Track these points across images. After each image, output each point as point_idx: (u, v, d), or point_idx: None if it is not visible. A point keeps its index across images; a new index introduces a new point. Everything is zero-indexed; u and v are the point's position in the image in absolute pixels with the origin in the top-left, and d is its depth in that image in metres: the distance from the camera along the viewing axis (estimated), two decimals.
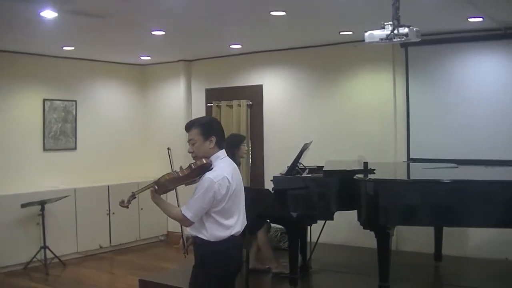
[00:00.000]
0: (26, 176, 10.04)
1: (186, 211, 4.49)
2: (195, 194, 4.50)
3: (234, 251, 4.68)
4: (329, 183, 6.79)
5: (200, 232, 4.57)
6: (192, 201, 4.50)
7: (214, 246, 4.53)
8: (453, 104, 8.66)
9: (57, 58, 10.39)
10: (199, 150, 4.63)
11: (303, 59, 10.01)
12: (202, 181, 4.51)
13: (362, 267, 7.99)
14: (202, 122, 4.73)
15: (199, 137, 4.62)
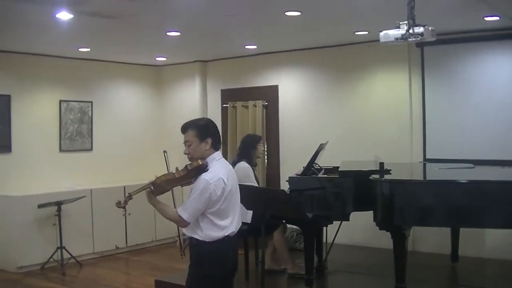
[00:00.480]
0: (42, 177, 10.10)
1: (182, 212, 4.53)
2: (191, 195, 4.55)
3: (229, 251, 4.73)
4: (345, 184, 6.77)
5: (195, 233, 4.61)
6: (188, 202, 4.54)
7: (210, 246, 4.58)
8: (469, 104, 8.62)
9: (73, 59, 10.44)
10: (195, 151, 4.67)
11: (319, 59, 9.99)
12: (197, 182, 4.57)
13: (378, 268, 7.96)
14: (198, 123, 4.76)
15: (195, 138, 4.66)
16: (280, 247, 7.79)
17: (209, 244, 4.58)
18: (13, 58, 9.70)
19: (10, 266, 9.33)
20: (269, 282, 6.87)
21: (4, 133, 9.64)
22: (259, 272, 7.34)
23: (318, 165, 7.75)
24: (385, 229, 6.27)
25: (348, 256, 8.80)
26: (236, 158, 7.92)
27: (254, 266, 8.07)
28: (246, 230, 7.47)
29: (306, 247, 6.93)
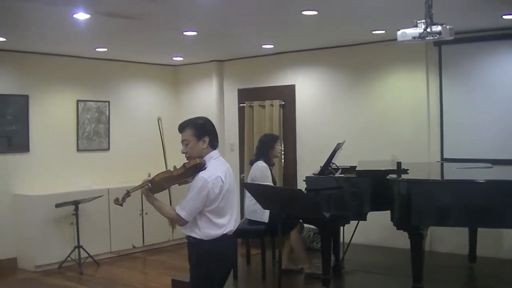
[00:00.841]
0: (60, 177, 10.14)
1: (180, 210, 4.58)
2: (188, 193, 4.59)
3: (227, 250, 4.76)
4: (362, 183, 6.75)
5: (193, 231, 4.66)
6: (186, 200, 4.58)
7: (208, 244, 4.62)
8: (487, 103, 8.56)
9: (90, 59, 10.48)
10: (193, 150, 4.72)
11: (335, 59, 9.97)
12: (195, 180, 4.61)
13: (396, 268, 7.93)
14: (195, 122, 4.81)
15: (192, 137, 4.72)
16: (297, 247, 7.78)
17: (208, 243, 4.62)
18: (30, 59, 9.75)
19: (28, 265, 9.40)
20: (286, 282, 6.86)
21: (22, 133, 9.70)
22: (276, 272, 7.34)
23: (335, 165, 7.73)
24: (403, 229, 6.25)
25: (365, 256, 8.77)
26: (254, 158, 7.92)
27: (271, 266, 8.07)
28: (263, 230, 7.50)
29: (323, 246, 6.92)
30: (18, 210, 9.55)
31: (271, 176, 7.76)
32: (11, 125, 9.57)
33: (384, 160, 7.91)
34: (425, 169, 7.93)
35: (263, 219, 7.48)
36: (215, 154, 4.79)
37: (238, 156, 11.16)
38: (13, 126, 9.60)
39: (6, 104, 9.50)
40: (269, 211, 7.27)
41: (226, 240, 4.71)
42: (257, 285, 7.62)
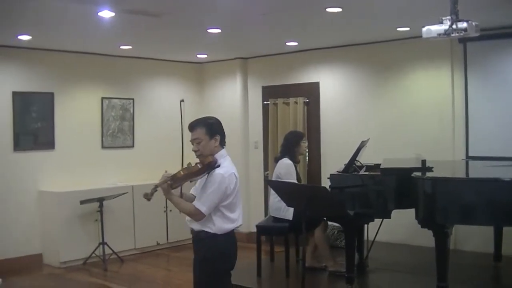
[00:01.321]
0: (85, 174, 10.21)
1: (201, 205, 4.71)
2: (207, 189, 4.73)
3: (233, 244, 4.95)
4: (387, 181, 6.71)
5: (206, 226, 4.79)
6: (205, 196, 4.72)
7: (219, 238, 4.79)
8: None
9: (115, 57, 10.53)
10: (205, 148, 4.86)
11: (360, 56, 9.93)
12: (213, 177, 4.76)
13: (420, 267, 7.89)
14: (207, 122, 4.96)
15: (205, 136, 4.86)
16: (321, 245, 7.77)
17: (221, 237, 4.79)
18: (56, 56, 9.82)
19: (53, 261, 9.47)
20: (310, 280, 6.85)
21: (47, 130, 9.77)
22: (299, 270, 7.34)
23: (360, 162, 7.71)
24: (427, 227, 6.21)
25: (389, 254, 8.74)
26: (279, 155, 7.93)
27: (294, 263, 8.07)
28: (287, 227, 7.50)
29: (347, 244, 6.90)
30: (43, 207, 9.63)
31: (296, 173, 7.75)
32: (36, 123, 9.65)
33: (408, 158, 7.86)
34: (450, 167, 7.88)
35: (287, 216, 7.48)
36: (224, 153, 4.98)
37: (262, 153, 11.16)
38: (38, 124, 9.68)
39: (31, 102, 9.57)
40: (293, 209, 7.27)
41: (233, 235, 4.93)
42: (280, 283, 7.62)
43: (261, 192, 11.10)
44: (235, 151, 11.18)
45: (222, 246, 4.82)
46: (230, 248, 4.90)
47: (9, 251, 9.06)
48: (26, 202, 9.55)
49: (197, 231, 4.88)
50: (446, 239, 6.11)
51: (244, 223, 11.10)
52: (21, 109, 9.46)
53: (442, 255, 6.11)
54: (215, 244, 4.79)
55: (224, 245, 4.83)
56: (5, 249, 8.84)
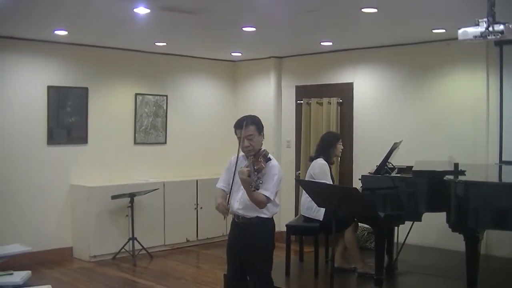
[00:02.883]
0: (117, 169, 10.28)
1: (270, 194, 5.28)
2: (270, 179, 5.30)
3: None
4: (418, 184, 6.64)
5: (262, 212, 5.37)
6: (272, 185, 5.29)
7: (271, 222, 5.50)
8: None
9: (149, 53, 10.58)
10: (257, 143, 5.44)
11: (395, 57, 9.85)
12: (272, 168, 5.35)
13: (450, 271, 7.81)
14: (255, 119, 5.57)
15: (256, 132, 5.46)
16: (350, 246, 7.73)
17: (271, 221, 5.51)
18: (91, 52, 9.89)
19: (83, 255, 9.55)
20: (338, 281, 6.80)
21: (81, 125, 9.85)
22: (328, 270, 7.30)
23: (392, 164, 7.65)
24: (458, 231, 6.14)
25: (419, 257, 8.66)
26: (314, 155, 7.91)
27: (323, 264, 8.04)
28: (317, 228, 7.47)
29: (377, 246, 6.85)
30: (75, 201, 9.71)
31: (330, 174, 7.72)
32: (70, 117, 9.73)
33: (441, 160, 7.78)
34: (482, 171, 7.78)
35: (318, 216, 7.45)
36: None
37: (294, 153, 11.13)
38: (72, 118, 9.76)
39: (66, 96, 9.65)
40: (324, 209, 7.24)
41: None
42: (309, 283, 7.59)
43: (292, 191, 11.08)
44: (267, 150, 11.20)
45: (273, 228, 5.55)
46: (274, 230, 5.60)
47: (40, 243, 9.13)
48: (58, 196, 9.64)
49: (249, 218, 5.42)
50: (477, 244, 6.03)
51: None
52: (56, 104, 9.55)
53: (472, 259, 6.03)
54: (271, 226, 5.51)
55: (273, 227, 5.56)
56: (37, 241, 8.91)
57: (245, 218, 5.44)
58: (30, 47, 9.24)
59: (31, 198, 9.32)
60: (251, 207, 5.33)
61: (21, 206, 9.21)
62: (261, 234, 5.42)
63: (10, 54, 9.08)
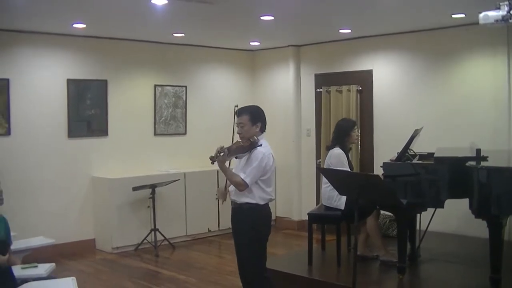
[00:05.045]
0: (137, 160, 10.32)
1: (246, 177, 5.53)
2: (251, 164, 5.55)
3: (270, 213, 5.84)
4: (440, 170, 6.60)
5: (248, 198, 5.61)
6: (249, 170, 5.53)
7: (262, 207, 5.65)
8: None
9: (168, 44, 10.59)
10: (247, 132, 5.67)
11: (414, 43, 9.78)
12: (255, 154, 5.57)
13: (473, 258, 7.76)
14: (251, 110, 5.80)
15: (248, 122, 5.68)
16: (373, 234, 7.69)
17: (262, 206, 5.65)
18: (110, 44, 9.92)
19: (106, 246, 9.61)
20: (361, 269, 6.79)
21: (101, 117, 9.89)
22: (351, 258, 7.28)
23: (413, 151, 7.60)
24: (481, 218, 6.11)
25: (442, 245, 8.60)
26: (330, 144, 7.86)
27: (345, 252, 8.01)
28: (339, 216, 7.44)
29: (399, 234, 6.82)
30: (96, 193, 9.76)
31: (348, 162, 7.68)
32: (90, 110, 9.77)
33: (462, 147, 7.72)
34: (505, 157, 7.72)
35: (339, 206, 7.42)
36: (262, 137, 5.75)
37: (315, 141, 11.10)
38: (92, 111, 9.79)
39: (85, 89, 9.69)
40: (345, 198, 7.21)
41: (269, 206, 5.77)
42: (331, 271, 7.57)
43: (313, 180, 11.07)
44: (287, 139, 11.19)
45: (265, 214, 5.73)
46: (269, 216, 5.82)
47: (63, 236, 9.18)
48: (80, 188, 9.70)
49: (240, 203, 5.68)
50: (500, 230, 6.00)
51: (295, 211, 11.18)
52: (75, 97, 9.59)
53: (496, 246, 6.01)
54: (260, 212, 5.66)
55: (266, 213, 5.73)
56: (59, 234, 8.96)
57: (236, 203, 5.75)
58: (49, 41, 9.29)
59: (53, 191, 9.39)
60: (240, 192, 5.62)
61: (44, 199, 9.28)
62: (248, 221, 5.65)
63: (29, 48, 9.13)
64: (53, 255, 8.45)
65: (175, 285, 7.88)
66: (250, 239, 5.65)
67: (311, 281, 7.21)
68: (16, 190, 8.76)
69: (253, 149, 5.60)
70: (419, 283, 7.14)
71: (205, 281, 8.05)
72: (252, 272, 5.71)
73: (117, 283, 8.04)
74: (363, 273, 6.99)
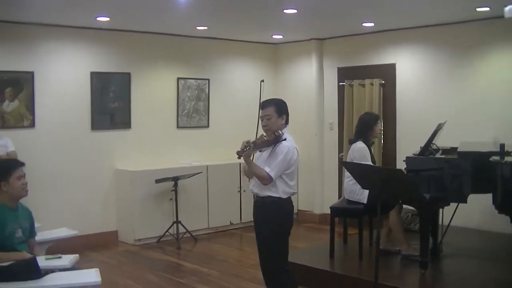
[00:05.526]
0: (160, 153, 10.36)
1: (271, 171, 5.45)
2: (276, 158, 5.47)
3: (293, 207, 5.73)
4: (463, 165, 6.56)
5: (271, 191, 5.54)
6: (274, 164, 5.46)
7: (284, 201, 5.58)
8: None
9: (191, 37, 10.61)
10: (273, 124, 5.58)
11: (438, 37, 9.72)
12: (280, 148, 5.48)
13: (496, 253, 7.73)
14: (276, 102, 5.72)
15: (274, 114, 5.60)
16: (395, 228, 7.68)
17: (285, 200, 5.57)
18: (133, 37, 9.96)
19: (128, 238, 9.67)
20: (383, 263, 6.77)
21: (124, 110, 9.93)
22: (373, 252, 7.27)
23: (436, 145, 7.57)
24: (505, 213, 6.08)
25: (465, 240, 8.57)
26: (353, 138, 7.84)
27: (367, 246, 8.00)
28: (361, 210, 7.44)
29: (422, 228, 6.81)
30: (119, 185, 9.82)
31: (371, 156, 7.67)
32: (113, 102, 9.82)
33: (486, 141, 7.67)
34: None
35: (362, 200, 7.41)
36: (286, 131, 5.64)
37: (337, 135, 11.08)
38: (115, 103, 9.84)
39: (109, 82, 9.74)
40: (368, 192, 7.20)
41: (291, 200, 5.69)
42: (353, 265, 7.57)
43: (335, 173, 11.06)
44: (309, 132, 11.17)
45: (288, 207, 5.64)
46: (292, 210, 5.70)
47: (86, 227, 9.24)
48: (103, 180, 9.77)
49: (262, 197, 5.61)
50: None
51: (317, 204, 11.17)
52: (99, 89, 9.64)
53: None
54: (282, 206, 5.58)
55: (288, 207, 5.64)
56: (83, 225, 9.01)
57: (258, 197, 5.68)
58: (73, 34, 9.34)
59: (77, 183, 9.46)
60: (262, 185, 5.56)
61: (68, 191, 9.36)
62: (270, 214, 5.59)
63: (54, 41, 9.20)
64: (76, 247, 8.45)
65: (198, 277, 7.91)
66: (273, 232, 5.59)
67: (333, 275, 7.22)
68: (40, 182, 8.83)
69: (278, 143, 5.50)
70: (441, 278, 7.12)
71: (227, 273, 8.08)
72: (274, 265, 5.66)
73: (140, 275, 8.09)
74: (385, 267, 6.97)
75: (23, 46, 8.93)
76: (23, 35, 8.89)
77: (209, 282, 7.68)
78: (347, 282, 6.97)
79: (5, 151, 8.10)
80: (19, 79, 8.87)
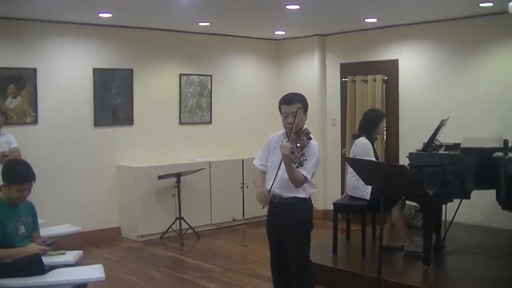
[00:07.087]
0: (163, 149, 10.37)
1: (307, 174, 5.23)
2: (310, 159, 5.23)
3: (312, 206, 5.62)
4: (466, 161, 6.55)
5: (298, 192, 5.35)
6: (310, 166, 5.24)
7: (308, 202, 5.46)
8: None
9: (193, 33, 10.60)
10: (300, 121, 5.36)
11: (440, 33, 9.70)
12: (312, 148, 5.30)
13: (499, 249, 7.73)
14: (302, 97, 5.47)
15: (301, 110, 5.34)
16: (398, 224, 7.67)
17: (308, 201, 5.46)
18: (135, 33, 9.95)
19: (131, 235, 9.68)
20: (386, 259, 6.77)
21: (127, 106, 9.94)
22: (376, 249, 7.27)
23: (439, 141, 7.56)
24: (508, 209, 6.06)
25: (468, 236, 8.55)
26: (357, 133, 7.83)
27: (370, 242, 8.00)
28: (364, 206, 7.43)
29: (425, 225, 6.80)
30: (122, 181, 9.83)
31: (374, 152, 7.66)
32: (116, 99, 9.82)
33: (489, 137, 7.66)
34: None
35: (365, 196, 7.40)
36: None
37: (340, 130, 11.07)
38: (118, 100, 9.85)
39: (111, 78, 9.75)
40: (371, 188, 7.19)
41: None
42: (356, 261, 7.57)
43: (338, 169, 11.05)
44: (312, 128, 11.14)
45: (311, 208, 5.53)
46: (312, 210, 5.57)
47: (89, 223, 9.25)
48: (105, 176, 9.78)
49: (286, 197, 5.38)
50: None
51: (320, 201, 11.15)
52: (101, 86, 9.65)
53: None
54: (307, 206, 5.46)
55: (312, 207, 5.55)
56: (85, 221, 9.02)
57: (281, 198, 5.41)
58: (75, 30, 9.34)
59: (79, 179, 9.48)
60: (287, 186, 5.31)
61: (71, 187, 9.37)
62: (297, 213, 5.40)
63: (56, 37, 9.20)
64: (79, 243, 8.51)
65: (200, 273, 7.92)
66: (303, 229, 5.45)
67: (335, 271, 7.22)
68: (43, 178, 8.77)
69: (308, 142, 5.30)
70: (444, 274, 7.11)
71: (229, 269, 8.08)
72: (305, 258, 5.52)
73: (143, 271, 8.09)
74: (388, 263, 6.97)
75: (26, 43, 8.93)
76: (25, 32, 8.90)
77: (212, 278, 7.68)
78: (350, 278, 6.97)
79: (8, 148, 8.13)
80: (22, 75, 8.88)
